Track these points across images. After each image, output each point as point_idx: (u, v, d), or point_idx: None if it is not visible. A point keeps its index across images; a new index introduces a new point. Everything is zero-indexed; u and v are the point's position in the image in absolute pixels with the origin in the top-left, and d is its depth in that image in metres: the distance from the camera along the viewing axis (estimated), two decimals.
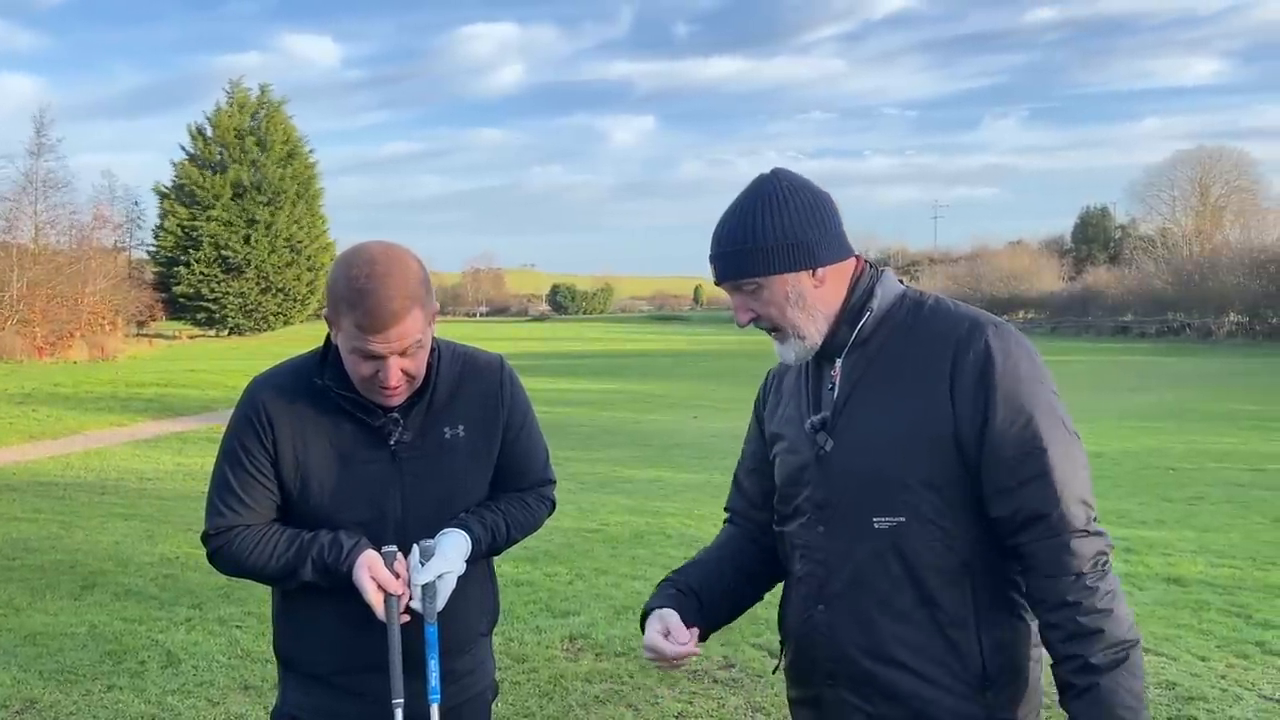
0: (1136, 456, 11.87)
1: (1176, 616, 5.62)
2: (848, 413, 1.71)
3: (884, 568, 1.66)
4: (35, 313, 36.75)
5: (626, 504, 9.18)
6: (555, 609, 5.77)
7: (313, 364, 1.98)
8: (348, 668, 1.97)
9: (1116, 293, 55.43)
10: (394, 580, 1.84)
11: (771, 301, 1.71)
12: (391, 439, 1.95)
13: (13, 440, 13.57)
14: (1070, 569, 1.56)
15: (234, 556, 1.95)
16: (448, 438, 1.99)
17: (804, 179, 1.75)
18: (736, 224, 1.71)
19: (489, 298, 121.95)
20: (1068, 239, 76.95)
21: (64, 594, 6.07)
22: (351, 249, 1.89)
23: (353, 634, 1.93)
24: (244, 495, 1.95)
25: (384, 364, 1.83)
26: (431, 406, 1.98)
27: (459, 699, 2.03)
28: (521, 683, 4.62)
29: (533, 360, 35.40)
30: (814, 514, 1.73)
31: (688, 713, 4.31)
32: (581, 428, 15.70)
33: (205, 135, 54.64)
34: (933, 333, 1.68)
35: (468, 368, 2.05)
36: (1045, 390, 1.63)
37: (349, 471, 1.95)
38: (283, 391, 1.97)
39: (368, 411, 1.94)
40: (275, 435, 1.94)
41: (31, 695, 4.48)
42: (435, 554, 1.89)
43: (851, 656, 1.69)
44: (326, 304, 1.90)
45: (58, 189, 42.76)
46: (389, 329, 1.79)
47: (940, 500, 1.63)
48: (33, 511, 8.69)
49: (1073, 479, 1.60)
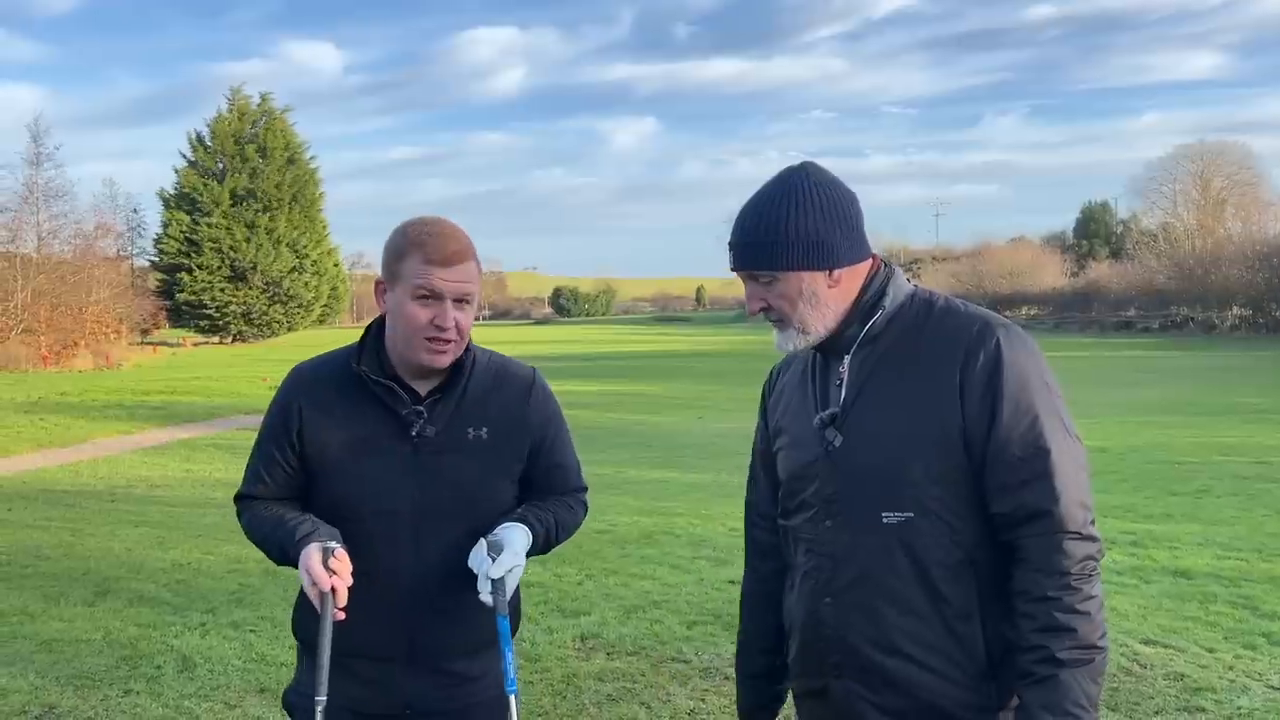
0: (1142, 451, 11.89)
1: (1183, 609, 5.65)
2: (857, 409, 1.74)
3: (891, 562, 1.69)
4: (40, 322, 36.84)
5: (634, 504, 9.21)
6: (566, 609, 5.81)
7: (351, 352, 2.06)
8: (364, 654, 2.01)
9: (1119, 288, 55.41)
10: (324, 576, 1.84)
11: (784, 295, 1.75)
12: (414, 430, 2.00)
13: (21, 449, 13.63)
14: (1058, 567, 1.61)
15: (245, 524, 2.10)
16: (470, 438, 2.03)
17: (833, 176, 1.78)
18: (759, 215, 1.74)
19: (491, 301, 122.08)
20: (1069, 235, 76.94)
21: (78, 601, 6.12)
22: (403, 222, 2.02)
23: (370, 622, 1.96)
24: (265, 474, 2.08)
25: (444, 307, 1.92)
26: (460, 404, 2.03)
27: (466, 700, 2.05)
28: (534, 682, 4.66)
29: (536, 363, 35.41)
30: (821, 508, 1.76)
31: (700, 710, 4.34)
32: (587, 429, 15.74)
33: (205, 143, 54.75)
34: (944, 333, 1.72)
35: (501, 374, 2.11)
36: (1050, 394, 1.68)
37: (369, 459, 2.00)
38: (318, 379, 2.07)
39: (397, 399, 2.00)
40: (303, 421, 2.03)
41: (50, 701, 4.52)
42: (505, 548, 1.91)
43: (859, 648, 1.73)
44: (383, 265, 1.99)
45: (59, 198, 42.89)
46: (455, 264, 1.92)
47: (947, 496, 1.67)
48: (44, 519, 8.75)
49: (1073, 481, 1.64)
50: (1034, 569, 1.62)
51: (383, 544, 1.99)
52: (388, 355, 2.01)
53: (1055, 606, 1.59)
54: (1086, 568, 1.62)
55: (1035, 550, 1.62)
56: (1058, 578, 1.60)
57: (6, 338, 35.21)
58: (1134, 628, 5.31)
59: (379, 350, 2.03)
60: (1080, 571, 1.61)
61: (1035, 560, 1.62)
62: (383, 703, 2.02)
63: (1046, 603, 1.60)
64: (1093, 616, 1.61)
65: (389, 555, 1.99)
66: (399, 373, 2.01)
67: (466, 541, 1.97)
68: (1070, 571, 1.61)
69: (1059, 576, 1.60)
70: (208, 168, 53.77)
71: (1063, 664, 1.58)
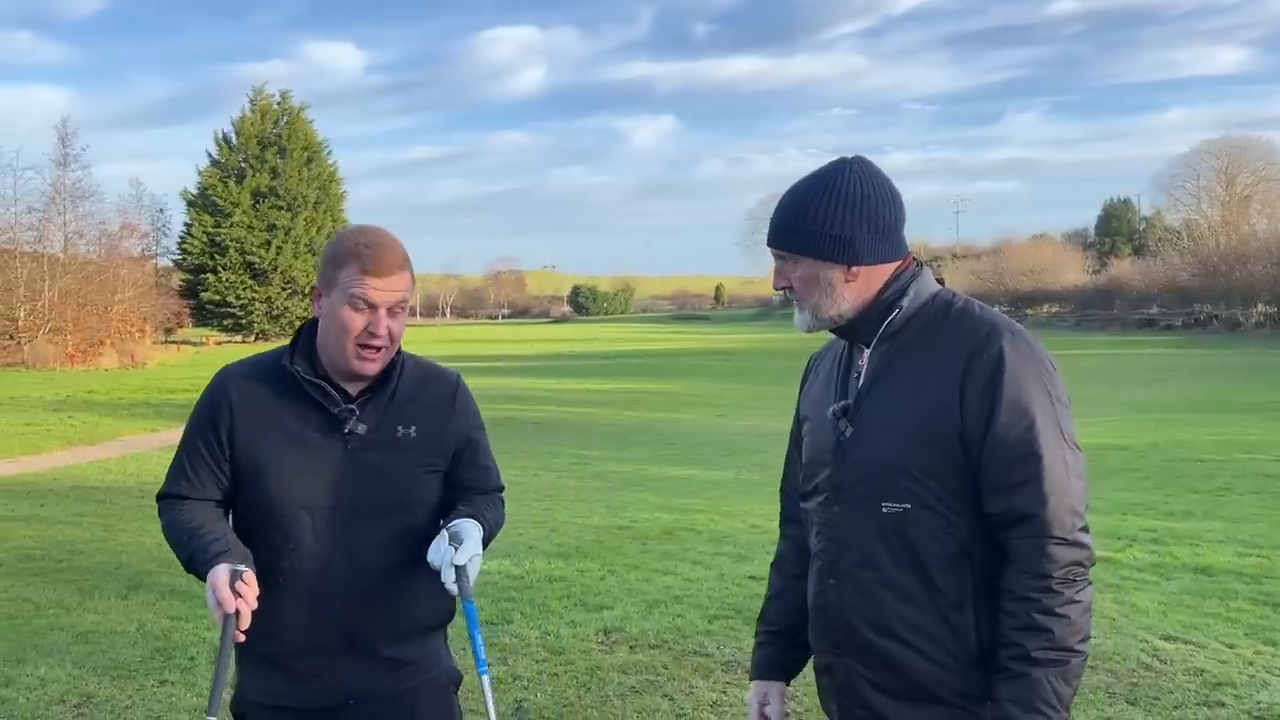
0: (1163, 449, 11.86)
1: (1204, 605, 5.67)
2: (868, 402, 1.82)
3: (889, 549, 1.77)
4: (67, 321, 37.28)
5: (655, 501, 9.29)
6: (589, 603, 5.89)
7: (282, 353, 2.12)
8: (302, 651, 2.06)
9: (1141, 285, 55.04)
10: (230, 599, 1.87)
11: (801, 278, 1.84)
12: (346, 428, 2.06)
13: (52, 447, 13.85)
14: (1042, 570, 1.67)
15: (165, 525, 2.11)
16: (399, 435, 2.09)
17: (881, 175, 1.84)
18: (795, 200, 1.84)
19: (510, 300, 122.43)
20: (1091, 232, 76.45)
21: (111, 594, 6.25)
22: (345, 229, 2.10)
23: (306, 619, 2.04)
24: (191, 472, 2.10)
25: (377, 315, 2.01)
26: (390, 404, 2.10)
27: (407, 683, 2.12)
28: (559, 674, 4.74)
29: (557, 362, 35.57)
30: (831, 494, 1.85)
31: (722, 702, 4.41)
32: (607, 427, 15.83)
33: (230, 143, 55.19)
34: (954, 333, 1.78)
35: (428, 376, 2.19)
36: (1051, 400, 1.72)
37: (302, 456, 2.05)
38: (248, 379, 2.12)
39: (329, 399, 2.06)
40: (233, 420, 2.07)
41: (88, 690, 4.64)
42: (464, 539, 1.99)
43: (858, 629, 1.82)
44: (320, 272, 2.07)
45: (85, 199, 43.33)
46: (389, 275, 2.01)
47: (943, 490, 1.74)
48: (76, 515, 8.91)
49: (1064, 487, 1.69)
50: (1019, 569, 1.69)
51: (315, 539, 2.04)
52: (319, 356, 2.08)
53: (1034, 607, 1.66)
54: (1072, 573, 1.68)
55: (1022, 552, 1.69)
56: (1040, 580, 1.67)
57: (34, 337, 35.68)
58: (1154, 624, 5.34)
59: (310, 351, 2.09)
60: (1064, 576, 1.67)
61: (1021, 561, 1.69)
62: (325, 696, 2.07)
63: (1027, 603, 1.67)
64: (1072, 620, 1.67)
65: (322, 550, 2.04)
66: (329, 374, 2.08)
67: (396, 536, 2.06)
68: (1053, 575, 1.67)
69: (1041, 579, 1.67)
70: (231, 168, 54.23)
71: (1036, 662, 1.65)
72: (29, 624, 5.69)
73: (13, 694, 4.59)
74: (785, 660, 2.06)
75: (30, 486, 10.60)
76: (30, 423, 16.48)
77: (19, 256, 37.54)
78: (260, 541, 2.05)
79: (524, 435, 14.13)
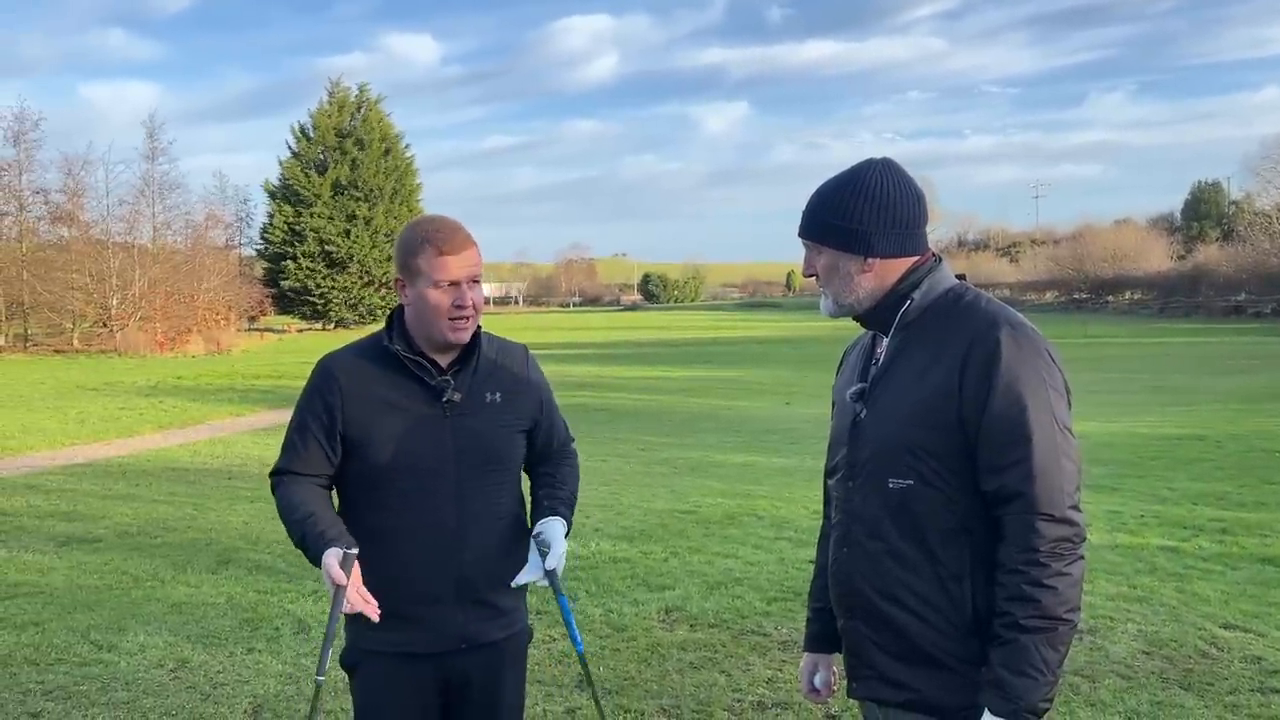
0: (1242, 439, 11.61)
1: (1267, 595, 5.63)
2: (881, 386, 1.99)
3: (895, 522, 1.93)
4: (156, 310, 38.74)
5: (718, 487, 9.44)
6: (651, 584, 6.08)
7: (381, 336, 2.38)
8: (420, 599, 2.30)
9: (1229, 271, 53.18)
10: (341, 575, 2.13)
11: (824, 266, 2.02)
12: (444, 397, 2.32)
13: (145, 430, 14.53)
14: (1030, 544, 1.80)
15: (279, 501, 2.35)
16: (488, 400, 2.37)
17: (905, 176, 2.00)
18: (822, 193, 2.01)
19: (581, 287, 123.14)
20: (1177, 216, 74.06)
21: (202, 568, 6.63)
22: (410, 222, 2.40)
23: (422, 570, 2.30)
24: (303, 450, 2.35)
25: (460, 289, 2.27)
26: (475, 374, 2.37)
27: (507, 631, 2.40)
28: (621, 650, 4.94)
29: (626, 350, 35.81)
30: (847, 471, 2.04)
31: (778, 679, 4.56)
32: (674, 414, 16.00)
33: (308, 135, 56.41)
34: (960, 324, 1.93)
35: (502, 349, 2.48)
36: (1044, 388, 1.85)
37: (409, 425, 2.30)
38: (353, 361, 2.37)
39: (426, 372, 2.32)
40: (343, 399, 2.32)
41: (183, 656, 4.98)
42: (551, 544, 2.30)
43: (865, 594, 1.99)
44: (399, 264, 2.32)
45: (172, 191, 44.87)
46: (463, 251, 2.28)
47: (944, 469, 1.88)
48: (168, 495, 9.41)
49: (1053, 467, 1.82)
50: (1010, 544, 1.83)
51: (427, 498, 2.29)
52: (412, 336, 2.34)
53: (1023, 579, 1.80)
54: (1060, 548, 1.81)
55: (1013, 527, 1.83)
56: (1029, 553, 1.80)
57: (126, 324, 37.13)
58: (1214, 612, 5.33)
59: (404, 333, 2.35)
60: (1051, 550, 1.80)
61: (1012, 536, 1.83)
62: (442, 641, 2.32)
63: (1016, 575, 1.80)
64: (1060, 591, 1.79)
65: (433, 507, 2.30)
66: (424, 350, 2.34)
67: (495, 490, 2.35)
68: (1040, 549, 1.80)
69: (1030, 553, 1.80)
70: (310, 159, 55.51)
71: (1025, 630, 1.78)
72: (128, 595, 6.09)
73: (115, 658, 4.95)
74: (831, 633, 2.21)
75: (126, 467, 11.18)
76: (124, 407, 17.28)
77: (111, 247, 39.12)
78: (375, 504, 2.33)
79: (593, 421, 14.38)
